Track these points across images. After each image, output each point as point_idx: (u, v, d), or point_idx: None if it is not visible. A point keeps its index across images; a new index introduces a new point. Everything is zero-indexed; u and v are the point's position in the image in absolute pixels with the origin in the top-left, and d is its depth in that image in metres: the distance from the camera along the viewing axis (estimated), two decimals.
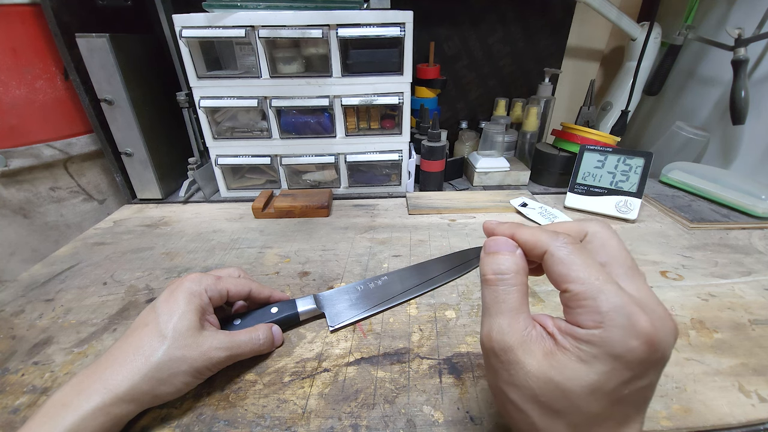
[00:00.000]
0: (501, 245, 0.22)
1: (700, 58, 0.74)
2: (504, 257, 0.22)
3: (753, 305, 0.40)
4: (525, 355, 0.19)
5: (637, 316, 0.17)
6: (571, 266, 0.19)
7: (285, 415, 0.29)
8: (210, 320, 0.32)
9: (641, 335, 0.17)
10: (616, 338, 0.17)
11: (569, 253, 0.20)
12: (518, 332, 0.20)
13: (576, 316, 0.19)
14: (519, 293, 0.21)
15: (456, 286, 0.44)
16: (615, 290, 0.18)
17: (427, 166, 0.67)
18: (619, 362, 0.17)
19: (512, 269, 0.21)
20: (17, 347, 0.36)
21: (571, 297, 0.19)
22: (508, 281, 0.21)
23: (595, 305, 0.18)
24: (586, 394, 0.18)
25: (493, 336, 0.20)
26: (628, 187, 0.58)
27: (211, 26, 0.54)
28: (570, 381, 0.18)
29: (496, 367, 0.20)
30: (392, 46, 0.58)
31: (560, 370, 0.18)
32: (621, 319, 0.17)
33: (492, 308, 0.21)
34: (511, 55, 0.82)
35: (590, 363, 0.18)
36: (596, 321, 0.18)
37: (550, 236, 0.21)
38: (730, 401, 0.30)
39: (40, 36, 0.57)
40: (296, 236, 0.55)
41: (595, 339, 0.18)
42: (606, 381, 0.17)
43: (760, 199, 0.57)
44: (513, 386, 0.20)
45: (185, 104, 0.62)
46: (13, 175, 0.60)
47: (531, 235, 0.22)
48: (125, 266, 0.48)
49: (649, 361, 0.17)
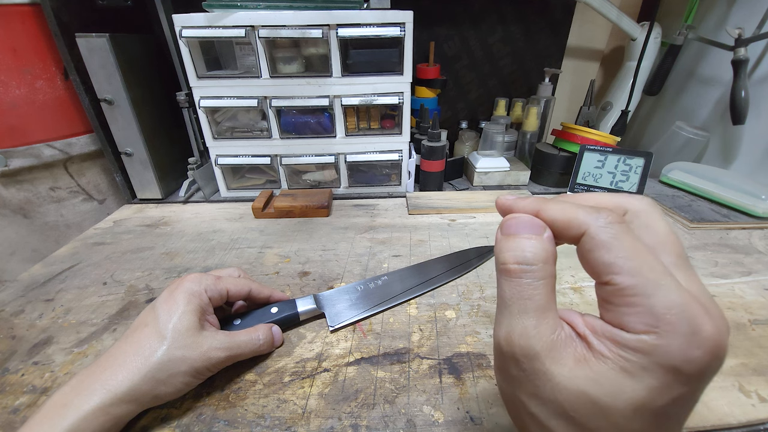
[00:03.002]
0: (524, 225, 0.18)
1: (700, 58, 0.74)
2: (529, 242, 0.17)
3: (753, 305, 0.40)
4: (553, 364, 0.16)
5: (702, 319, 0.14)
6: (618, 253, 0.15)
7: (285, 415, 0.29)
8: (210, 320, 0.32)
9: (706, 344, 0.14)
10: (676, 347, 0.14)
11: (615, 235, 0.16)
12: (546, 336, 0.16)
13: (621, 316, 0.15)
14: (548, 287, 0.17)
15: (456, 286, 0.44)
16: (675, 287, 0.15)
17: (427, 166, 0.67)
18: (675, 376, 0.14)
19: (540, 257, 0.17)
20: (17, 347, 0.36)
21: (616, 292, 0.15)
22: (534, 273, 0.17)
23: (648, 304, 0.14)
24: (630, 412, 0.15)
25: (514, 339, 0.17)
26: (628, 187, 0.58)
27: (211, 26, 0.54)
28: (610, 397, 0.15)
29: (516, 375, 0.17)
30: (392, 46, 0.58)
31: (598, 383, 0.15)
32: (682, 323, 0.14)
33: (514, 305, 0.17)
34: (511, 55, 0.82)
35: (637, 375, 0.14)
36: (649, 324, 0.14)
37: (589, 213, 0.16)
38: (730, 401, 0.30)
39: (40, 36, 0.57)
40: (296, 236, 0.55)
41: (647, 347, 0.14)
42: (656, 397, 0.14)
43: (760, 199, 0.57)
44: (536, 398, 0.17)
45: (185, 104, 0.62)
46: (13, 175, 0.60)
47: (563, 211, 0.17)
48: (125, 266, 0.48)
49: (710, 372, 0.14)
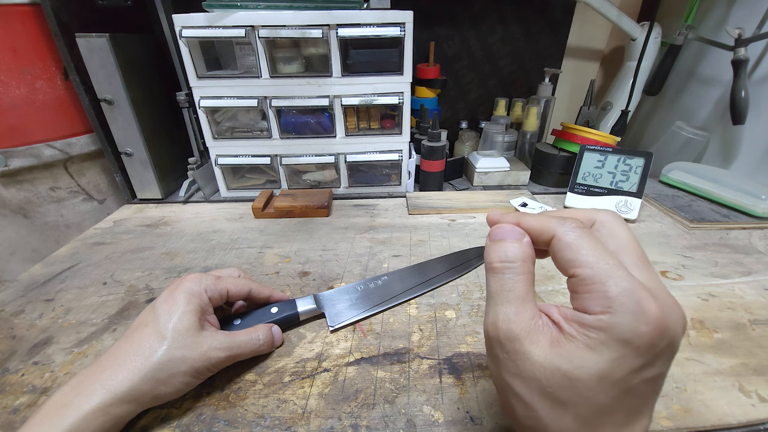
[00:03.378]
0: (507, 232, 0.22)
1: (700, 58, 0.74)
2: (511, 245, 0.21)
3: (753, 305, 0.40)
4: (531, 345, 0.19)
5: (647, 301, 0.17)
6: (579, 250, 0.19)
7: (285, 415, 0.29)
8: (210, 320, 0.32)
9: (651, 320, 0.17)
10: (625, 323, 0.17)
11: (577, 237, 0.19)
12: (525, 321, 0.19)
13: (583, 301, 0.18)
14: (526, 282, 0.20)
15: (456, 286, 0.44)
16: (624, 275, 0.18)
17: (427, 166, 0.67)
18: (628, 348, 0.17)
19: (520, 257, 0.21)
20: (17, 347, 0.36)
21: (579, 282, 0.18)
22: (515, 269, 0.20)
23: (603, 290, 0.17)
24: (595, 382, 0.17)
25: (498, 324, 0.20)
26: (628, 187, 0.58)
27: (211, 26, 0.54)
28: (578, 369, 0.17)
29: (501, 357, 0.20)
30: (392, 46, 0.58)
31: (567, 359, 0.18)
32: (630, 303, 0.17)
33: (498, 297, 0.20)
34: (511, 55, 0.82)
35: (598, 350, 0.17)
36: (604, 306, 0.17)
37: (558, 221, 0.20)
38: (730, 401, 0.30)
39: (40, 36, 0.57)
40: (296, 236, 0.55)
41: (603, 324, 0.17)
42: (615, 368, 0.17)
43: (760, 199, 0.57)
44: (519, 378, 0.19)
45: (185, 104, 0.62)
46: (13, 175, 0.60)
47: (537, 221, 0.21)
48: (125, 266, 0.48)
49: (658, 347, 0.17)
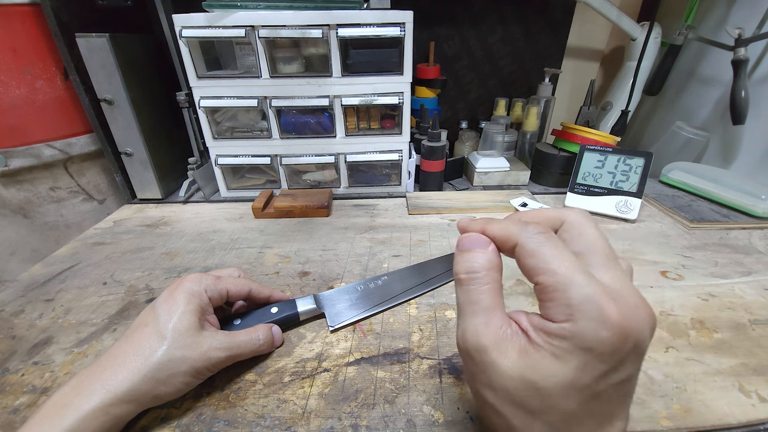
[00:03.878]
0: (473, 242, 0.21)
1: (700, 58, 0.74)
2: (475, 254, 0.21)
3: (753, 305, 0.40)
4: (500, 356, 0.18)
5: (608, 306, 0.16)
6: (541, 257, 0.18)
7: (285, 415, 0.29)
8: (210, 320, 0.32)
9: (612, 325, 0.16)
10: (587, 330, 0.16)
11: (539, 243, 0.19)
12: (492, 332, 0.19)
13: (548, 309, 0.18)
14: (492, 291, 0.20)
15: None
16: (585, 281, 0.17)
17: (427, 166, 0.67)
18: (592, 355, 0.17)
19: (484, 266, 0.20)
20: (17, 347, 0.36)
21: (542, 289, 0.18)
22: (480, 280, 0.20)
23: (565, 297, 0.17)
24: (561, 391, 0.17)
25: (467, 338, 0.20)
26: (628, 187, 0.58)
27: (211, 26, 0.54)
28: (544, 379, 0.17)
29: (473, 369, 0.20)
30: (392, 46, 0.58)
31: (534, 368, 0.17)
32: (590, 310, 0.16)
33: (466, 309, 0.20)
34: (511, 55, 0.82)
35: (563, 358, 0.17)
36: (566, 314, 0.17)
37: (520, 227, 0.20)
38: (730, 401, 0.30)
39: (40, 36, 0.57)
40: (296, 236, 0.55)
41: (566, 333, 0.17)
42: (580, 376, 0.17)
43: (760, 199, 0.57)
44: (489, 388, 0.19)
45: (185, 104, 0.62)
46: (13, 175, 0.60)
47: (500, 228, 0.21)
48: (125, 266, 0.48)
49: (622, 351, 0.17)
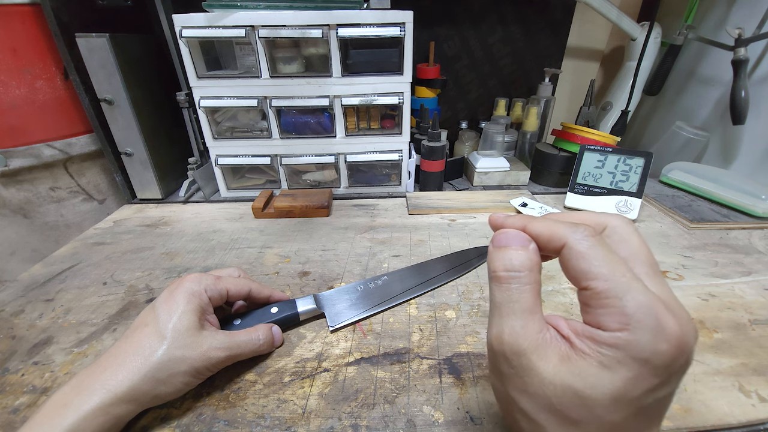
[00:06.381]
0: (512, 239, 0.20)
1: (700, 58, 0.74)
2: (516, 252, 0.20)
3: (753, 305, 0.40)
4: (540, 361, 0.18)
5: (666, 317, 0.16)
6: (593, 261, 0.17)
7: (285, 415, 0.29)
8: (210, 320, 0.32)
9: (671, 338, 0.16)
10: (644, 341, 0.16)
11: (591, 246, 0.18)
12: (532, 335, 0.18)
13: (598, 317, 0.17)
14: (533, 292, 0.19)
15: (456, 286, 0.44)
16: (642, 289, 0.17)
17: (427, 166, 0.67)
18: (646, 367, 0.16)
19: (526, 266, 0.19)
20: (17, 347, 0.36)
21: (593, 295, 0.17)
22: (521, 279, 0.19)
23: (620, 305, 0.16)
24: (609, 402, 0.16)
25: (504, 338, 0.19)
26: (628, 187, 0.58)
27: (211, 26, 0.54)
28: (591, 388, 0.17)
29: (507, 372, 0.19)
30: (392, 46, 0.58)
31: (580, 377, 0.17)
32: (649, 320, 0.16)
33: (503, 308, 0.19)
34: (511, 55, 0.82)
35: (614, 368, 0.16)
36: (621, 322, 0.16)
37: (569, 228, 0.19)
38: (730, 401, 0.30)
39: (40, 36, 0.57)
40: (296, 236, 0.55)
41: (620, 342, 0.16)
42: (631, 388, 0.16)
43: (760, 199, 0.57)
44: (525, 394, 0.18)
45: (185, 104, 0.62)
46: (13, 175, 0.60)
47: (546, 227, 0.20)
48: (125, 266, 0.48)
49: (675, 365, 0.16)
